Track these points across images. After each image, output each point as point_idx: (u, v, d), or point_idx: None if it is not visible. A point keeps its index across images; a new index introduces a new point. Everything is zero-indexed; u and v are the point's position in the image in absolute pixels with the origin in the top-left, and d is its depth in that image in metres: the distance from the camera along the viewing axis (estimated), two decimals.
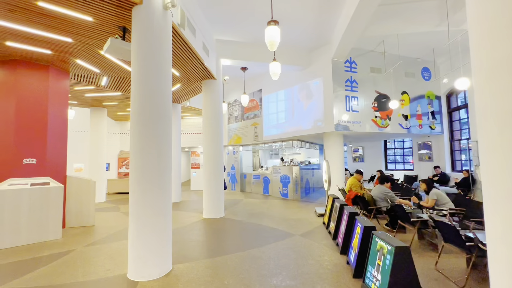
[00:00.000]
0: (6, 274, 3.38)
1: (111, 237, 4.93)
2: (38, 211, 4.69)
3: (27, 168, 5.01)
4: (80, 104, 9.08)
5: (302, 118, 8.49)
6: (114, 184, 11.22)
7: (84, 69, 5.79)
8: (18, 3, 3.39)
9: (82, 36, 4.30)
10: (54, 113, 5.39)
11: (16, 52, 4.80)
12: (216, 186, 6.44)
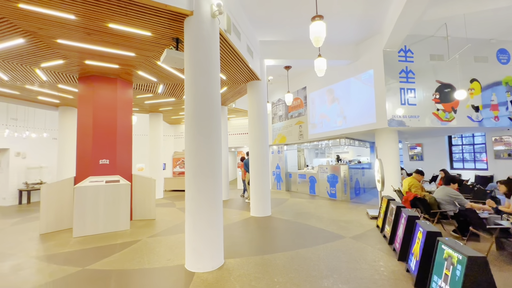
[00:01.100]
0: (90, 257, 4.00)
1: (170, 230, 5.42)
2: (111, 205, 5.42)
3: (102, 168, 5.83)
4: (140, 111, 10.19)
5: (350, 114, 8.06)
6: (170, 182, 12.28)
7: (144, 79, 6.48)
8: (94, 27, 3.97)
9: (142, 50, 4.83)
10: (121, 120, 6.17)
11: (92, 68, 5.64)
12: (262, 185, 6.55)
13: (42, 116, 10.52)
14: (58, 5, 3.40)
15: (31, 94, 7.56)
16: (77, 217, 5.10)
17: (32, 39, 4.33)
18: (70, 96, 7.71)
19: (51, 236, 5.13)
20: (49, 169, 10.52)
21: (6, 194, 9.32)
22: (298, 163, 12.66)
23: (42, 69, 5.58)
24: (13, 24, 3.86)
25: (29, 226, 5.98)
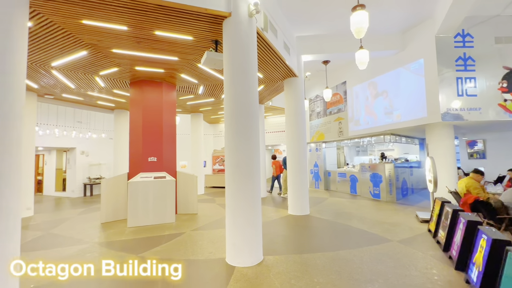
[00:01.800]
0: (142, 246, 4.40)
1: (211, 224, 5.68)
2: (159, 199, 5.88)
3: (151, 165, 6.35)
4: (183, 111, 10.83)
5: (396, 108, 7.46)
6: (210, 179, 12.85)
7: (186, 82, 6.86)
8: (143, 35, 4.33)
9: (185, 54, 5.12)
10: (166, 120, 6.63)
11: (142, 74, 6.16)
12: (300, 183, 6.46)
13: (101, 119, 11.86)
14: (114, 18, 3.79)
15: (92, 99, 8.56)
16: (130, 209, 5.64)
17: (93, 51, 4.89)
18: (123, 100, 8.54)
19: (110, 225, 5.76)
20: (106, 166, 11.83)
21: (74, 187, 10.75)
22: (337, 161, 12.18)
23: (101, 77, 6.28)
24: (78, 39, 4.41)
25: (92, 216, 6.81)
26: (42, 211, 7.75)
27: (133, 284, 3.07)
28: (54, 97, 8.07)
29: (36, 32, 4.09)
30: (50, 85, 6.72)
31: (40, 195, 11.67)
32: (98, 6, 3.47)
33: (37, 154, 12.25)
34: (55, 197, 10.82)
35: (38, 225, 5.93)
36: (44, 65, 5.38)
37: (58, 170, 11.87)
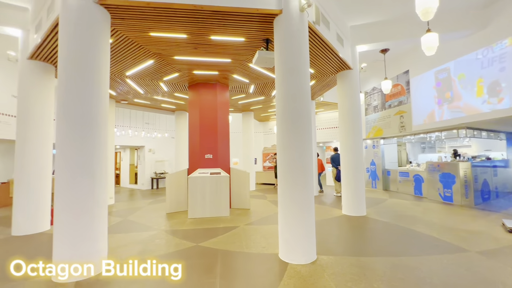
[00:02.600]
0: (201, 236, 4.78)
1: (263, 220, 5.81)
2: (215, 194, 6.27)
3: (207, 161, 6.82)
4: (235, 111, 11.28)
5: (472, 97, 6.39)
6: (260, 176, 13.12)
7: (238, 82, 7.14)
8: (200, 41, 4.66)
9: (237, 55, 5.32)
10: (221, 120, 7.02)
11: (198, 77, 6.65)
12: (356, 183, 6.09)
13: (164, 120, 13.21)
14: (175, 28, 4.17)
15: (157, 102, 9.60)
16: (190, 201, 6.17)
17: (158, 59, 5.48)
18: (182, 102, 9.36)
19: (173, 216, 6.41)
20: (169, 162, 13.15)
21: (144, 180, 12.26)
22: (398, 159, 11.08)
23: (164, 82, 7.00)
24: (146, 50, 5.00)
25: (158, 206, 7.68)
26: (120, 200, 9.06)
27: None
28: (127, 102, 9.33)
29: (115, 47, 4.78)
30: (124, 92, 7.79)
31: (118, 187, 13.67)
32: (163, 19, 3.87)
33: (116, 152, 14.36)
34: (129, 189, 12.53)
35: (118, 212, 6.95)
36: (120, 75, 6.26)
37: (131, 166, 13.71)
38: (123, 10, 3.56)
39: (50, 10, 4.04)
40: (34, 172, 5.15)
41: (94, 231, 3.20)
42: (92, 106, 3.22)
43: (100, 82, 3.35)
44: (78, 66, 3.18)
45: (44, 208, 5.27)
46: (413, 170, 9.02)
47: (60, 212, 3.08)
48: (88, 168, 3.15)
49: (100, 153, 3.29)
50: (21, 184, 5.06)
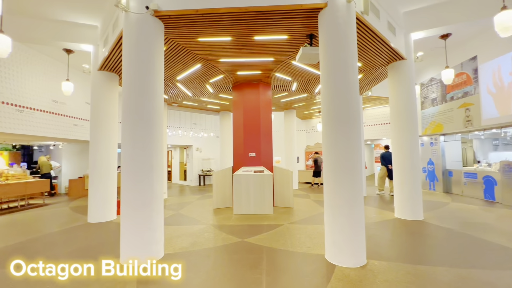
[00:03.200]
0: (246, 232, 4.91)
1: (307, 220, 5.71)
2: (259, 191, 6.38)
3: (251, 160, 6.97)
4: (277, 109, 11.29)
5: None
6: (303, 175, 12.89)
7: (280, 80, 7.12)
8: (243, 42, 4.78)
9: (279, 53, 5.32)
10: (263, 118, 7.10)
11: (242, 77, 6.83)
12: (411, 183, 5.57)
13: (209, 120, 13.91)
14: (221, 32, 4.35)
15: (203, 104, 10.16)
16: (235, 198, 6.39)
17: (205, 63, 5.80)
18: (226, 102, 9.72)
19: (220, 211, 6.72)
20: (214, 160, 13.80)
21: (192, 177, 13.10)
22: (463, 157, 9.76)
23: (210, 84, 7.36)
24: (195, 54, 5.32)
25: (206, 202, 8.13)
26: (172, 195, 9.85)
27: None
28: (178, 104, 10.07)
29: (167, 54, 5.20)
30: (175, 95, 8.43)
31: (170, 182, 14.87)
32: (210, 24, 4.07)
33: (168, 151, 15.63)
34: (179, 185, 13.53)
35: (171, 206, 7.57)
36: (172, 79, 6.79)
37: (181, 163, 14.77)
38: (175, 19, 3.85)
39: (115, 25, 4.58)
40: (104, 168, 5.93)
41: (153, 222, 3.54)
42: (150, 110, 3.57)
43: (157, 87, 3.69)
44: (139, 74, 3.55)
45: (111, 199, 6.03)
46: (482, 170, 7.85)
47: (126, 204, 3.48)
48: (148, 164, 3.51)
49: (157, 151, 3.63)
50: (94, 179, 5.87)
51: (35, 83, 7.41)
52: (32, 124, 7.31)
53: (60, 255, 3.84)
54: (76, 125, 8.94)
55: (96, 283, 2.97)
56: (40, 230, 5.26)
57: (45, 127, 7.70)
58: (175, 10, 3.64)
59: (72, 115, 8.77)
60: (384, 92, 9.07)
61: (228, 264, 3.51)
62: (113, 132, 6.14)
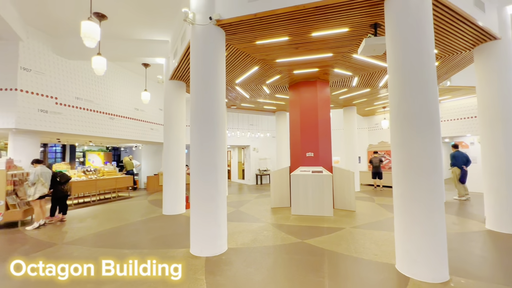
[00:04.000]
0: (305, 233, 4.82)
1: (372, 225, 5.27)
2: (317, 192, 6.19)
3: (308, 159, 6.82)
4: (335, 107, 10.76)
5: None
6: (365, 176, 11.94)
7: (339, 76, 6.77)
8: (300, 40, 4.72)
9: (339, 47, 5.05)
10: (321, 117, 6.87)
11: (298, 76, 6.75)
12: (505, 189, 4.57)
13: (266, 121, 14.17)
14: (278, 32, 4.39)
15: (259, 105, 10.40)
16: (293, 198, 6.34)
17: (262, 65, 5.93)
18: (282, 102, 9.75)
19: (277, 210, 6.77)
20: (270, 160, 13.99)
21: (249, 176, 13.56)
22: None
23: (267, 85, 7.50)
24: (253, 58, 5.50)
25: (264, 201, 8.30)
26: (232, 193, 10.38)
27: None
28: (236, 107, 10.57)
29: (228, 59, 5.51)
30: (233, 98, 8.87)
31: (229, 181, 15.71)
32: (267, 26, 4.15)
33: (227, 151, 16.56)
34: (238, 183, 14.16)
35: (231, 203, 7.99)
36: (231, 83, 7.17)
37: (239, 163, 15.45)
38: (235, 25, 4.05)
39: (183, 38, 5.09)
40: (174, 166, 6.65)
41: (218, 217, 3.81)
42: (214, 113, 3.85)
43: (219, 92, 3.95)
44: (204, 81, 3.87)
45: (181, 195, 6.72)
46: None
47: (194, 200, 3.83)
48: (212, 163, 3.78)
49: (220, 151, 3.89)
50: (166, 176, 6.64)
51: (121, 94, 8.82)
52: (120, 129, 8.71)
53: (143, 242, 4.47)
54: (152, 129, 10.28)
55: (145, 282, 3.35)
56: (127, 218, 6.22)
57: (129, 131, 9.09)
58: (235, 17, 3.83)
59: (149, 120, 10.12)
60: (467, 81, 7.71)
61: (288, 264, 3.51)
62: (181, 135, 6.84)
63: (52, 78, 6.71)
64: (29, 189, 5.42)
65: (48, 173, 5.67)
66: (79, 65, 7.39)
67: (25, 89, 6.14)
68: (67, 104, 7.03)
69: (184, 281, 2.99)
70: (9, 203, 5.48)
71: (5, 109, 5.93)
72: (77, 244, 4.33)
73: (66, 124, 6.99)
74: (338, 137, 12.60)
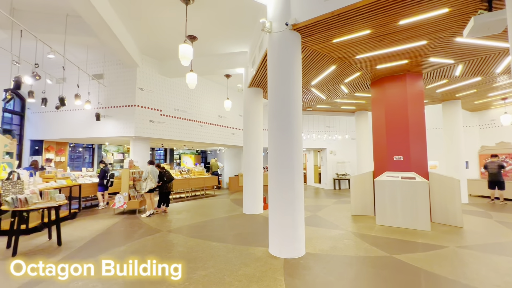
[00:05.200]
0: (394, 246, 4.26)
1: (490, 247, 4.20)
2: (408, 201, 5.39)
3: (396, 164, 6.02)
4: (430, 102, 9.14)
5: None
6: (476, 185, 9.63)
7: (436, 66, 5.74)
8: (385, 31, 4.25)
9: (435, 32, 4.30)
10: (413, 115, 5.96)
11: (382, 71, 6.09)
12: None
13: (344, 122, 13.33)
14: (358, 27, 4.09)
15: (337, 105, 9.88)
16: (378, 207, 5.72)
17: (339, 63, 5.64)
18: (363, 101, 8.97)
19: (359, 219, 6.23)
20: (350, 164, 13.02)
21: (326, 180, 12.99)
22: None
23: (345, 84, 7.06)
24: (329, 57, 5.30)
25: (342, 207, 7.79)
26: (308, 197, 10.17)
27: None
28: (311, 109, 10.37)
29: (302, 62, 5.48)
30: (309, 100, 8.73)
31: (305, 184, 15.47)
32: (346, 22, 3.93)
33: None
34: (314, 187, 13.78)
35: (308, 207, 7.83)
36: (306, 85, 7.08)
37: (315, 166, 15.02)
38: (311, 27, 4.00)
39: (261, 47, 5.38)
40: (252, 168, 7.04)
41: (295, 219, 3.81)
42: (291, 116, 3.90)
43: (296, 96, 3.98)
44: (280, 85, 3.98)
45: (259, 196, 7.05)
46: None
47: (273, 202, 3.96)
48: (290, 166, 3.83)
49: (297, 153, 3.90)
50: (246, 177, 7.09)
51: (207, 103, 10.00)
52: (207, 134, 9.88)
53: (227, 237, 4.90)
54: (233, 134, 11.22)
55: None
56: (213, 214, 6.95)
57: (214, 136, 10.21)
58: (311, 18, 3.79)
59: (230, 126, 11.10)
60: None
61: (374, 279, 3.19)
62: (259, 138, 7.20)
63: (158, 94, 8.23)
64: (142, 184, 6.77)
65: (156, 172, 6.94)
66: (176, 81, 8.81)
67: (140, 105, 7.74)
68: (168, 115, 8.48)
69: (263, 279, 3.12)
70: (130, 195, 6.99)
71: (128, 121, 7.63)
72: (176, 233, 5.12)
73: (168, 131, 8.43)
74: (435, 137, 10.64)
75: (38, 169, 6.82)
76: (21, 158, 9.00)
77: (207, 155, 19.67)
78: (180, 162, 17.47)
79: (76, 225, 5.68)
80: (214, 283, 3.01)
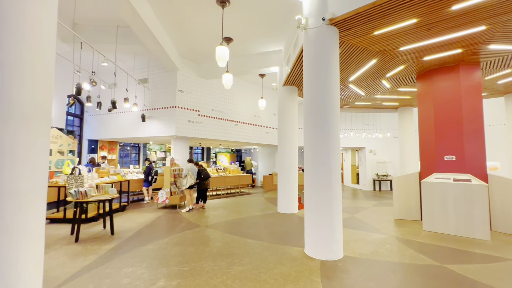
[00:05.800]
0: (445, 255, 3.87)
1: None
2: (463, 206, 4.84)
3: (448, 164, 5.45)
4: (489, 95, 8.09)
5: None
6: None
7: (496, 54, 5.05)
8: (433, 19, 3.87)
9: (496, 16, 3.79)
10: (467, 110, 5.34)
11: (430, 63, 5.56)
12: None
13: (385, 119, 12.49)
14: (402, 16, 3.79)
15: (377, 102, 9.28)
16: (425, 211, 5.25)
17: (381, 57, 5.29)
18: (407, 96, 8.29)
19: (403, 223, 5.79)
20: (391, 164, 12.16)
21: (365, 181, 12.32)
22: None
23: (386, 79, 6.61)
24: (369, 51, 5.01)
25: (384, 209, 7.31)
26: (345, 198, 9.76)
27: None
28: (349, 106, 9.91)
29: (340, 57, 5.27)
30: (346, 97, 8.35)
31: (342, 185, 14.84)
32: (388, 13, 3.67)
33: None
34: (351, 188, 13.17)
35: (345, 209, 7.51)
36: (344, 81, 6.79)
37: (353, 166, 14.33)
38: (349, 20, 3.83)
39: (295, 45, 5.30)
40: (287, 167, 6.98)
41: (333, 221, 3.69)
42: (327, 115, 3.78)
43: (333, 93, 3.85)
44: (317, 82, 3.88)
45: (294, 195, 6.97)
46: None
47: (309, 201, 3.88)
48: (327, 165, 3.72)
49: (334, 151, 3.77)
50: (280, 176, 7.06)
51: (242, 103, 10.17)
52: (242, 133, 10.06)
53: (262, 235, 4.95)
54: (267, 133, 11.26)
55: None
56: (248, 212, 7.07)
57: (249, 135, 10.35)
58: (350, 11, 3.61)
59: (264, 125, 11.16)
60: None
61: None
62: (294, 137, 7.11)
63: (196, 95, 8.63)
64: (183, 180, 7.17)
65: (195, 169, 7.29)
66: (213, 82, 9.13)
67: (180, 106, 8.20)
68: (206, 115, 8.84)
69: (299, 279, 3.08)
70: (172, 190, 7.45)
71: (169, 122, 8.14)
72: (213, 228, 5.32)
73: (205, 130, 8.79)
74: (496, 135, 9.39)
75: (95, 165, 7.65)
76: (81, 156, 10.20)
77: (241, 154, 20.05)
78: (216, 160, 18.09)
79: (125, 217, 6.25)
80: (250, 279, 3.07)
